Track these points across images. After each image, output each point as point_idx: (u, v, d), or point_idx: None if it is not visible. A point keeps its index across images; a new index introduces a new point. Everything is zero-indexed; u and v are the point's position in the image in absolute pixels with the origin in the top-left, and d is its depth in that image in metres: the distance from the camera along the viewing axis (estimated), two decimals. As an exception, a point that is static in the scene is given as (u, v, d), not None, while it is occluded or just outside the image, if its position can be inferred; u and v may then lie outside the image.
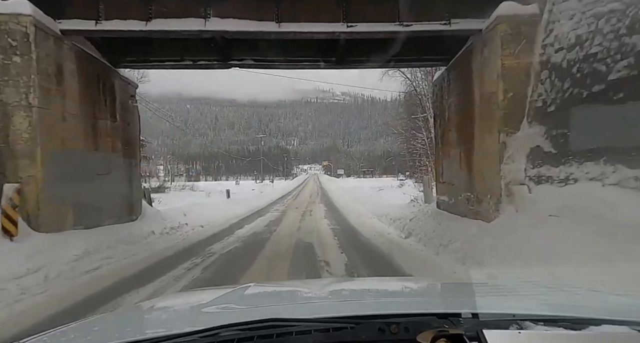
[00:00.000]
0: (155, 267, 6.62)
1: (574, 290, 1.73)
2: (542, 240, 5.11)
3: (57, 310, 4.47)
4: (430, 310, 1.11)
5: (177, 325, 1.18)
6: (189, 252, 7.94)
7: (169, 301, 1.85)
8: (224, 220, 13.51)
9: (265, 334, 0.93)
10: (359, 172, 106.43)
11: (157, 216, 11.30)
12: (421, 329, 0.88)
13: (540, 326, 0.94)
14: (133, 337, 1.02)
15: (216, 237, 10.02)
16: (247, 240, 9.55)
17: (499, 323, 0.95)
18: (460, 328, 0.90)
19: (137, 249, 7.92)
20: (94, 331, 1.29)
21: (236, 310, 1.33)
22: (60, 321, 1.60)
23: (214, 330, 0.94)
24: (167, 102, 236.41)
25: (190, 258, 7.24)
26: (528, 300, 1.46)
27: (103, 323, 1.43)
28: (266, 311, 1.21)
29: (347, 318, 1.03)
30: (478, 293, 1.29)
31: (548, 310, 1.16)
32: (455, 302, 1.40)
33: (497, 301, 1.37)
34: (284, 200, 24.25)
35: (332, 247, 8.42)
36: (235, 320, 0.99)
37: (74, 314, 4.10)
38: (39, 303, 4.70)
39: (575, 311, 1.14)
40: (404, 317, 1.00)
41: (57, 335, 1.18)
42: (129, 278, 5.89)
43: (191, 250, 8.24)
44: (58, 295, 5.03)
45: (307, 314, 1.11)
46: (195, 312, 1.38)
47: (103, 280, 5.82)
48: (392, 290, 1.85)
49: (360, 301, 1.56)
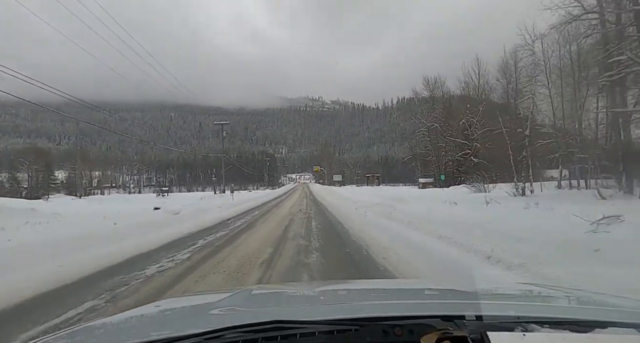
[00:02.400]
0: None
1: (579, 293, 1.64)
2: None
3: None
4: (433, 312, 1.08)
5: (182, 327, 1.13)
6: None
7: (174, 303, 1.77)
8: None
9: (270, 336, 0.93)
10: (354, 180, 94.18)
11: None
12: (425, 331, 0.89)
13: (545, 328, 0.92)
14: (138, 339, 1.01)
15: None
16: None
17: (504, 325, 0.93)
18: (464, 331, 0.89)
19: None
20: (100, 333, 1.30)
21: (241, 312, 1.32)
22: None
23: (219, 332, 0.94)
24: (149, 111, 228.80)
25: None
26: (532, 302, 1.48)
27: (108, 326, 1.41)
28: (270, 313, 1.23)
29: (351, 320, 1.01)
30: (482, 295, 1.31)
31: (553, 312, 1.15)
32: (459, 305, 1.34)
33: (501, 303, 1.37)
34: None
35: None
36: (239, 322, 0.99)
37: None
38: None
39: (580, 313, 1.11)
40: (408, 319, 0.98)
41: (62, 337, 1.19)
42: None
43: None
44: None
45: (311, 316, 1.10)
46: (200, 314, 1.39)
47: None
48: (395, 292, 1.83)
49: (364, 303, 1.52)
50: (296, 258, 6.30)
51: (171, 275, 5.41)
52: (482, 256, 5.49)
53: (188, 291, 4.52)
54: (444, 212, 10.35)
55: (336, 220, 12.10)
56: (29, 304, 4.21)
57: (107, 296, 4.41)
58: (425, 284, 2.27)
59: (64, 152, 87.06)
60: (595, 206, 9.08)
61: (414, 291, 1.79)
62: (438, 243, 6.84)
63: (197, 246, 7.94)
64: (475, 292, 1.39)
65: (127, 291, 4.62)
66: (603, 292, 1.57)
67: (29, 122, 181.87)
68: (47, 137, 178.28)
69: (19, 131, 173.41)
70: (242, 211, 16.07)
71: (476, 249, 5.82)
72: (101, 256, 6.40)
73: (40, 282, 4.86)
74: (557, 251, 4.84)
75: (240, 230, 10.61)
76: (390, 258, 5.90)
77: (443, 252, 6.19)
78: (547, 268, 4.21)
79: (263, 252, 7.00)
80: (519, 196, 15.03)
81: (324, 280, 4.86)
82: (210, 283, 4.93)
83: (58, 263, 5.65)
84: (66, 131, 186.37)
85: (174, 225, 10.73)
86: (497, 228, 6.62)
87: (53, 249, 6.23)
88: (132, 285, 4.89)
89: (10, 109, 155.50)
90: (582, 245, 4.74)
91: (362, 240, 7.76)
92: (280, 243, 8.00)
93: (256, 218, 13.51)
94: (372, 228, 9.41)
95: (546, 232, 5.72)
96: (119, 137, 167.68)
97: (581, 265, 4.13)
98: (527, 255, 4.86)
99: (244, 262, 6.10)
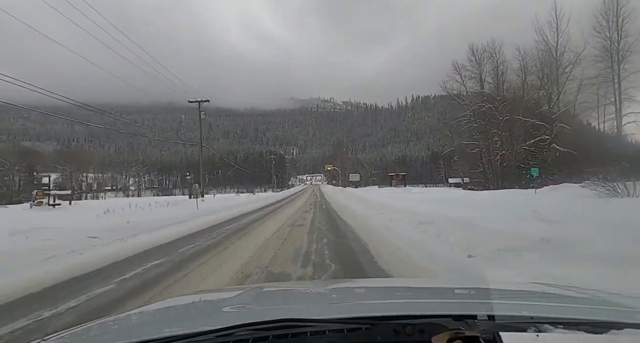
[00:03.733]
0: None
1: (594, 293, 1.57)
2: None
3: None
4: (445, 311, 1.06)
5: (193, 324, 1.14)
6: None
7: (186, 301, 1.76)
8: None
9: (280, 334, 0.93)
10: (370, 180, 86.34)
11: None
12: (436, 331, 0.88)
13: (559, 329, 0.89)
14: (152, 335, 1.00)
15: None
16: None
17: (516, 326, 0.91)
18: (476, 331, 0.87)
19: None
20: (114, 329, 1.30)
21: (251, 310, 1.32)
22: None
23: (230, 330, 0.94)
24: (159, 113, 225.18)
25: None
26: (546, 302, 1.42)
27: (123, 322, 1.41)
28: (281, 311, 1.25)
29: (361, 319, 1.00)
30: (494, 295, 1.27)
31: (567, 312, 1.10)
32: (471, 304, 1.33)
33: (514, 303, 1.33)
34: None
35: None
36: (250, 320, 0.98)
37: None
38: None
39: (595, 314, 1.09)
40: (419, 319, 0.96)
41: (78, 333, 1.19)
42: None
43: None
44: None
45: (321, 315, 1.09)
46: (211, 312, 1.41)
47: None
48: (406, 291, 1.80)
49: (375, 302, 1.50)
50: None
51: None
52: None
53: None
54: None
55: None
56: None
57: None
58: (437, 283, 2.28)
59: (57, 153, 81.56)
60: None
61: (425, 290, 1.76)
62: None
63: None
64: (488, 291, 1.36)
65: None
66: (618, 293, 1.50)
67: (39, 125, 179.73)
68: (56, 139, 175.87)
69: (28, 134, 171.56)
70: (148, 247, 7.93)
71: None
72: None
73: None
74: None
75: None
76: None
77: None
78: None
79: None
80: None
81: (335, 279, 4.68)
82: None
83: None
84: (75, 134, 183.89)
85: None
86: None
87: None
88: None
89: (22, 113, 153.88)
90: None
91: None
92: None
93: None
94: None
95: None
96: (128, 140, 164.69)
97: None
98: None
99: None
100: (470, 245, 6.10)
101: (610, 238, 5.00)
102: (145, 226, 10.93)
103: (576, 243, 5.10)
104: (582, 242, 5.11)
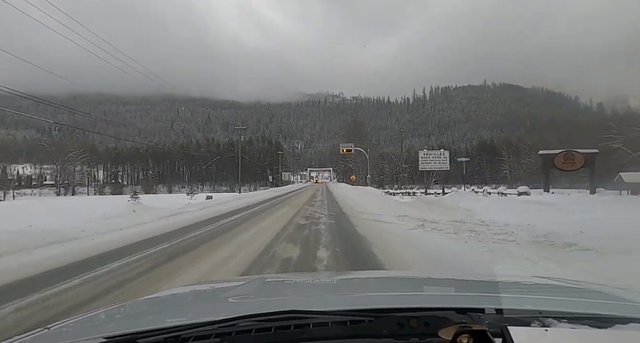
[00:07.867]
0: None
1: (601, 287, 1.61)
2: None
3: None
4: (451, 304, 1.05)
5: (196, 314, 1.14)
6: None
7: (188, 291, 1.77)
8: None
9: (283, 325, 0.92)
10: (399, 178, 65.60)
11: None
12: (442, 324, 0.85)
13: (567, 324, 0.89)
14: (154, 325, 0.99)
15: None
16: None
17: (525, 320, 0.90)
18: (483, 325, 0.85)
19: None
20: (117, 318, 1.31)
21: (254, 301, 1.31)
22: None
23: (233, 321, 0.94)
24: (158, 104, 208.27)
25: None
26: (555, 296, 1.40)
27: (126, 311, 1.42)
28: (284, 302, 1.24)
29: (365, 311, 0.99)
30: (502, 288, 1.26)
31: (575, 307, 1.10)
32: (478, 297, 1.30)
33: (522, 297, 1.31)
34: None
35: None
36: (253, 311, 0.98)
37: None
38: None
39: (603, 309, 1.07)
40: (423, 311, 0.96)
41: (82, 321, 1.20)
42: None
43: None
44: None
45: (325, 306, 1.08)
46: (214, 302, 1.39)
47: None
48: (411, 283, 1.78)
49: (378, 294, 1.50)
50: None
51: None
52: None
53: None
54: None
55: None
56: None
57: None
58: (442, 276, 2.26)
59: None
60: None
61: (432, 282, 1.75)
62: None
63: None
64: (496, 285, 1.36)
65: None
66: (625, 287, 1.50)
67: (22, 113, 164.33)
68: (36, 129, 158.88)
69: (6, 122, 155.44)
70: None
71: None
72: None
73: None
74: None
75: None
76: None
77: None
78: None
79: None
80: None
81: (339, 271, 4.76)
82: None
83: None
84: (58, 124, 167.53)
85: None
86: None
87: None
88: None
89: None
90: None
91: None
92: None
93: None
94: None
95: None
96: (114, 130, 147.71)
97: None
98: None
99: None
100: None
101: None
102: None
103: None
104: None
